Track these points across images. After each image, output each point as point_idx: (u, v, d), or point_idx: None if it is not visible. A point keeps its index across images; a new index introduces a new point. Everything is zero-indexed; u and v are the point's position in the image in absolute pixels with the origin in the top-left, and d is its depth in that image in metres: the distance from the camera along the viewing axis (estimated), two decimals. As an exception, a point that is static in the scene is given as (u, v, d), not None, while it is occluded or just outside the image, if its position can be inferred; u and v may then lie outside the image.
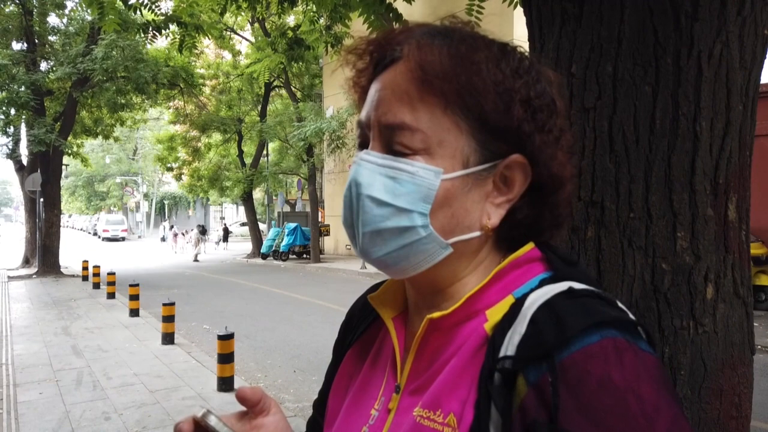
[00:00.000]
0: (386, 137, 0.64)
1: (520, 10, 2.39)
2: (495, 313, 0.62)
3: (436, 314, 0.64)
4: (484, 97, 0.62)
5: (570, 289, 0.59)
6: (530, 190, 0.66)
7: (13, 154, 18.37)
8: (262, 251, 23.28)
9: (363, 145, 0.68)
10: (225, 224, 35.68)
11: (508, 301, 0.63)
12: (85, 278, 15.17)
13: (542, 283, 0.62)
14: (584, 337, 0.54)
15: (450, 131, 0.63)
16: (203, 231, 31.60)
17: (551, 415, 0.52)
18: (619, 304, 0.60)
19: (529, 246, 0.66)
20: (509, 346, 0.57)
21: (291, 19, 18.03)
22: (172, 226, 35.17)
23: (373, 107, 0.66)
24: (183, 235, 32.18)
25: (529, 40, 1.65)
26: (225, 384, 5.68)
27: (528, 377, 0.54)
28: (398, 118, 0.63)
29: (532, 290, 0.61)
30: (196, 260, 23.84)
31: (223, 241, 32.73)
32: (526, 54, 0.67)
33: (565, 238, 1.46)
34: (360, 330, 0.81)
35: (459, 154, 0.63)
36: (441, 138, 0.62)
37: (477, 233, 0.65)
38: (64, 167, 20.19)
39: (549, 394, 0.52)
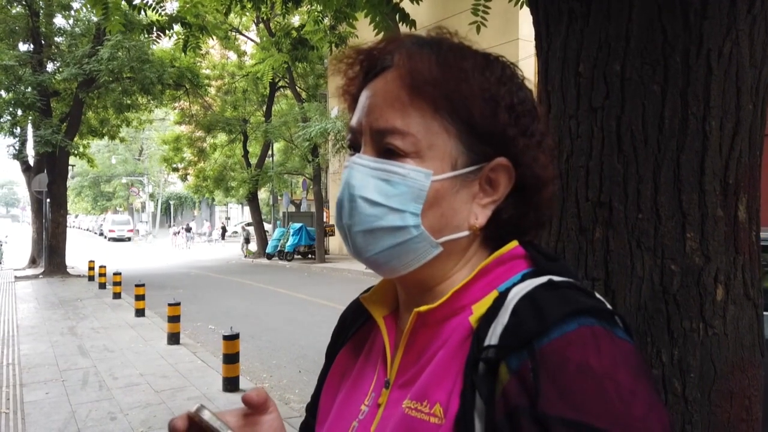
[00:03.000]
0: (378, 141, 0.67)
1: (525, 9, 2.37)
2: (480, 307, 0.65)
3: (423, 308, 0.67)
4: (471, 103, 0.65)
5: (550, 281, 0.62)
6: (514, 191, 0.69)
7: (20, 155, 18.44)
8: (267, 251, 23.31)
9: (354, 149, 0.71)
10: (223, 224, 38.86)
11: (493, 295, 0.65)
12: (91, 278, 15.22)
13: (524, 278, 0.65)
14: (563, 325, 0.56)
15: (439, 135, 0.66)
16: (188, 229, 34.01)
17: (532, 400, 0.54)
18: (597, 295, 0.63)
19: (513, 244, 0.69)
20: (493, 336, 0.59)
21: (296, 20, 18.03)
22: (170, 225, 37.46)
23: (364, 113, 0.68)
24: (177, 234, 34.79)
25: (535, 39, 1.64)
26: (230, 384, 5.68)
27: (510, 365, 0.56)
28: (390, 123, 0.66)
29: (515, 284, 0.64)
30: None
31: (221, 239, 35.69)
32: (508, 63, 0.71)
33: (572, 239, 1.45)
34: (352, 331, 0.83)
35: (447, 157, 0.66)
36: (431, 141, 0.65)
37: (465, 233, 0.68)
38: (70, 168, 20.25)
39: (530, 380, 0.54)
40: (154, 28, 5.79)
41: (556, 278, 0.63)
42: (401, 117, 0.65)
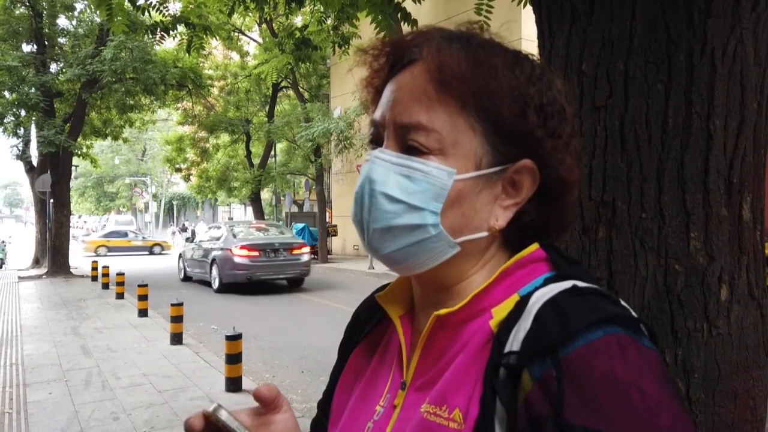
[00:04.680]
0: (401, 136, 0.65)
1: (527, 8, 2.37)
2: (500, 311, 0.63)
3: (443, 311, 0.65)
4: (500, 101, 0.63)
5: (574, 287, 0.60)
6: (538, 193, 0.67)
7: (24, 156, 18.51)
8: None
9: (376, 143, 0.69)
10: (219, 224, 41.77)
11: (514, 299, 0.63)
12: (94, 278, 15.24)
13: (546, 282, 0.63)
14: (588, 333, 0.55)
15: (465, 133, 0.64)
16: (184, 229, 35.00)
17: (556, 409, 0.52)
18: (622, 302, 0.61)
19: (534, 246, 0.67)
20: (514, 342, 0.58)
21: (298, 20, 18.05)
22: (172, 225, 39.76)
23: (389, 107, 0.67)
24: (175, 234, 36.47)
25: (538, 38, 1.63)
26: (233, 384, 5.69)
27: (533, 372, 0.55)
28: (414, 119, 0.64)
29: (536, 288, 0.62)
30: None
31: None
32: (538, 61, 0.69)
33: (576, 238, 1.44)
34: (366, 329, 0.81)
35: (472, 156, 0.64)
36: (456, 139, 0.64)
37: (484, 233, 0.66)
38: (73, 168, 20.32)
39: (554, 388, 0.53)
40: (158, 29, 5.79)
41: (580, 284, 0.61)
42: (426, 112, 0.64)
